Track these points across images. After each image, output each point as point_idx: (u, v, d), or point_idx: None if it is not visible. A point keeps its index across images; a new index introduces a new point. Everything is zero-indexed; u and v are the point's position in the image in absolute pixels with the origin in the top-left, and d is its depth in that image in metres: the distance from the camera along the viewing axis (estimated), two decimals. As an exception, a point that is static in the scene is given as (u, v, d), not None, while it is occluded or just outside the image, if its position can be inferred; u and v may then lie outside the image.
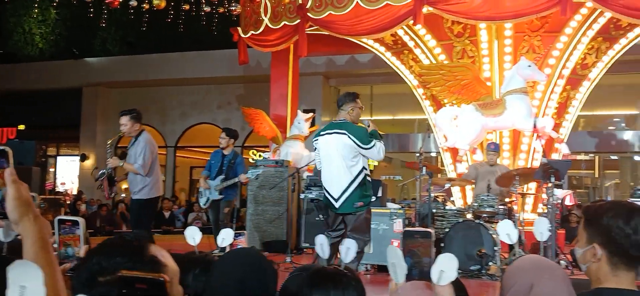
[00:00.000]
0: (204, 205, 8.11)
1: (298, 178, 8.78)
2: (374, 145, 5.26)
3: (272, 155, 10.32)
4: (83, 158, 18.08)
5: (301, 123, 10.28)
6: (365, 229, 5.41)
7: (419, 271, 1.79)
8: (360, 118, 5.54)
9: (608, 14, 8.13)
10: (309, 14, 9.05)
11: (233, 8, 10.15)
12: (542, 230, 2.02)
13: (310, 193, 7.34)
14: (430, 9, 8.16)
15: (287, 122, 10.75)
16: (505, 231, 1.88)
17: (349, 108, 5.42)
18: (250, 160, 10.28)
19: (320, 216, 7.39)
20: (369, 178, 5.45)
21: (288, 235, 8.56)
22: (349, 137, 5.25)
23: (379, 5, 8.40)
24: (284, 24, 9.51)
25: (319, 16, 8.99)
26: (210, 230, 7.89)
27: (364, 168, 5.38)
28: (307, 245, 8.37)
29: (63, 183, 19.56)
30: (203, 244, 2.25)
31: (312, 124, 10.98)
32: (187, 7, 10.28)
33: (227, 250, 2.83)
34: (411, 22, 8.30)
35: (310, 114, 10.68)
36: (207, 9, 10.10)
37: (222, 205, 7.78)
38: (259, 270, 1.75)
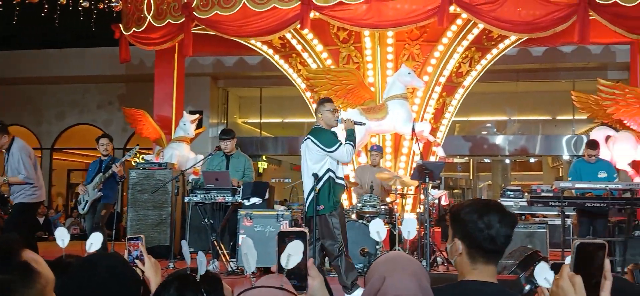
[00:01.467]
0: (83, 210, 7.81)
1: (182, 181, 8.56)
2: (338, 148, 5.35)
3: (155, 157, 9.98)
4: (-57, 161, 16.46)
5: (187, 125, 10.03)
6: (329, 233, 5.40)
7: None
8: (337, 118, 5.64)
9: (481, 26, 8.71)
10: (194, 12, 8.86)
11: (114, 4, 9.68)
12: (409, 228, 2.12)
13: (195, 196, 7.15)
14: (317, 14, 8.31)
15: (172, 124, 10.45)
16: (376, 230, 1.96)
17: (318, 114, 5.63)
18: (133, 163, 9.86)
19: (206, 220, 7.26)
20: (338, 182, 5.50)
21: (172, 239, 8.31)
22: (313, 141, 5.40)
23: (267, 8, 8.41)
24: (169, 22, 9.22)
25: (205, 15, 8.83)
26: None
27: (329, 170, 5.43)
28: (192, 250, 8.12)
29: None
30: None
31: (199, 126, 10.77)
32: (63, 1, 9.65)
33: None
34: (298, 26, 8.40)
35: (197, 116, 10.45)
36: (86, 3, 9.54)
37: (100, 208, 7.50)
38: (118, 276, 1.67)
